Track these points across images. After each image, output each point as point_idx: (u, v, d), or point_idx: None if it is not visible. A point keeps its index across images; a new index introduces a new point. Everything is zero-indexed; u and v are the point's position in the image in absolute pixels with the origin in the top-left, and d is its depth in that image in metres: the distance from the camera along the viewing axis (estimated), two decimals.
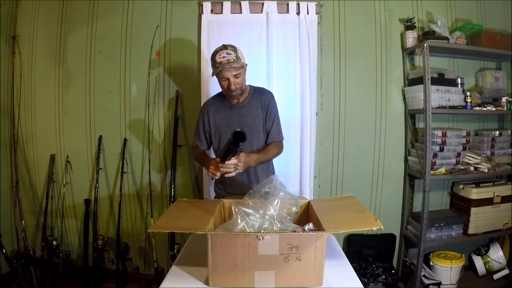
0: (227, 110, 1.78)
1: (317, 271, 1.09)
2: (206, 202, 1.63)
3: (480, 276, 2.62)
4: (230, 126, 1.74)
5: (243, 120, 1.75)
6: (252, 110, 1.76)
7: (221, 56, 1.61)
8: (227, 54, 1.60)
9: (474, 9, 2.60)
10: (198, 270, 1.21)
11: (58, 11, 2.60)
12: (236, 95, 1.70)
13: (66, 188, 2.65)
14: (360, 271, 2.46)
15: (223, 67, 1.60)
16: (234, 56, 1.61)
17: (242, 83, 1.69)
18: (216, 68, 1.62)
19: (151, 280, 2.52)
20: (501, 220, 2.49)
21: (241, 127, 1.66)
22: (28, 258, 2.49)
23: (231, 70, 1.62)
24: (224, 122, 1.77)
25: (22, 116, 2.66)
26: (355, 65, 2.56)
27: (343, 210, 1.26)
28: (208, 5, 2.45)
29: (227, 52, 1.61)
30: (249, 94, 1.79)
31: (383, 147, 2.60)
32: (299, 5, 2.43)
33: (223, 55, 1.61)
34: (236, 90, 1.67)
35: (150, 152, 2.54)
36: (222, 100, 1.81)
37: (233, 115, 1.76)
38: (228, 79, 1.63)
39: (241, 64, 1.63)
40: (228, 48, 1.63)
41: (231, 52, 1.61)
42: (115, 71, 2.58)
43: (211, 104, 1.84)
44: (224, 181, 1.80)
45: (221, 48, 1.64)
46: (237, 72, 1.63)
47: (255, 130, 1.76)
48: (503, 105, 2.44)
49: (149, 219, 2.51)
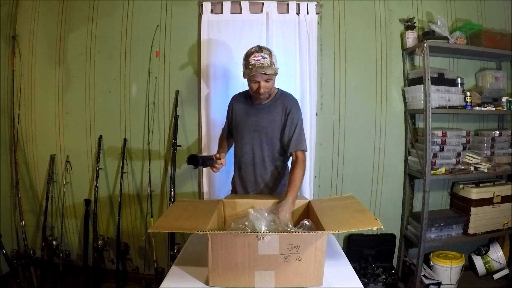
0: (248, 108, 1.77)
1: (317, 271, 1.09)
2: (206, 202, 1.64)
3: (480, 276, 2.62)
4: (247, 125, 1.74)
5: (259, 121, 1.72)
6: (272, 114, 1.71)
7: (256, 59, 1.56)
8: (262, 58, 1.56)
9: (474, 9, 2.60)
10: (198, 270, 1.22)
11: (58, 11, 2.60)
12: (263, 97, 1.69)
13: (66, 188, 2.65)
14: (360, 271, 2.46)
15: (256, 71, 1.55)
16: (269, 60, 1.57)
17: (271, 87, 1.68)
18: (249, 70, 1.57)
19: (151, 280, 2.52)
20: (501, 220, 2.49)
21: (256, 128, 1.71)
22: (28, 258, 2.49)
23: (263, 75, 1.58)
24: (242, 118, 1.77)
25: (22, 116, 2.66)
26: (355, 65, 2.56)
27: (344, 210, 1.26)
28: (208, 5, 2.45)
29: (262, 55, 1.57)
30: (274, 97, 1.75)
31: (383, 147, 2.60)
32: (299, 5, 2.43)
33: (257, 58, 1.56)
34: (264, 93, 1.65)
35: (150, 152, 2.53)
36: (246, 97, 1.81)
37: (252, 114, 1.75)
38: (259, 82, 1.60)
39: (274, 70, 1.60)
40: (263, 51, 1.59)
41: (266, 56, 1.57)
42: (115, 71, 2.58)
43: (236, 99, 1.87)
44: (236, 178, 1.85)
45: (256, 50, 1.59)
46: (269, 77, 1.60)
47: (269, 134, 1.71)
48: (503, 105, 2.44)
49: (149, 219, 2.51)
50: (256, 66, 1.55)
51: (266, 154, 1.73)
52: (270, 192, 1.76)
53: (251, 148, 1.74)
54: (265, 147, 1.72)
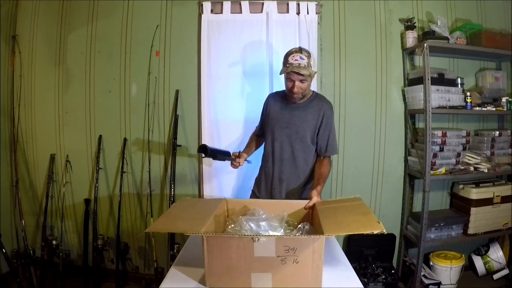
0: (283, 106, 1.81)
1: (315, 273, 1.08)
2: (208, 201, 1.63)
3: (480, 276, 2.62)
4: (279, 121, 1.78)
5: (292, 120, 1.76)
6: (306, 114, 1.75)
7: (294, 59, 1.63)
8: (300, 59, 1.62)
9: (474, 9, 2.60)
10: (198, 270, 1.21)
11: (58, 11, 2.60)
12: (297, 97, 1.73)
13: (66, 187, 2.65)
14: (360, 271, 2.46)
15: (292, 70, 1.61)
16: (306, 62, 1.63)
17: (306, 89, 1.71)
18: (286, 68, 1.64)
19: (151, 280, 2.52)
20: (501, 220, 2.49)
21: (287, 125, 1.75)
22: (28, 258, 2.49)
23: (298, 75, 1.63)
24: (276, 115, 1.81)
25: (22, 116, 2.66)
26: (355, 65, 2.56)
27: (346, 212, 1.25)
28: (208, 5, 2.45)
29: (300, 56, 1.63)
30: (309, 98, 1.79)
31: (383, 147, 2.60)
32: (299, 5, 2.43)
33: (296, 58, 1.63)
34: (298, 93, 1.69)
35: (150, 152, 2.54)
36: (283, 96, 1.84)
37: (286, 112, 1.78)
38: (294, 81, 1.66)
39: (309, 72, 1.64)
40: (303, 53, 1.65)
41: (304, 58, 1.63)
42: (115, 71, 2.58)
43: (273, 96, 1.91)
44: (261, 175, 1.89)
45: (297, 50, 1.67)
46: (304, 78, 1.65)
47: (300, 134, 1.75)
48: (503, 105, 2.44)
49: (149, 218, 2.51)
50: (293, 65, 1.62)
51: (294, 152, 1.77)
52: (290, 194, 1.78)
53: (280, 145, 1.78)
54: (294, 145, 1.76)
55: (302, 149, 1.76)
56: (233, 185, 2.51)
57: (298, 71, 1.61)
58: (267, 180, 1.84)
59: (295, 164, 1.77)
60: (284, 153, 1.77)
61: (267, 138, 1.84)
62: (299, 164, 1.77)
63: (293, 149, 1.77)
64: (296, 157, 1.77)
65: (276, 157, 1.79)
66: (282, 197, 1.77)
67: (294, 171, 1.78)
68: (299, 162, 1.77)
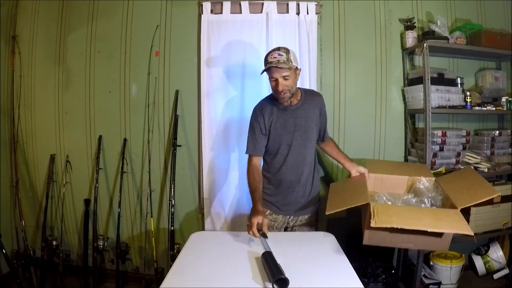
0: (282, 113, 1.78)
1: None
2: (354, 180, 1.88)
3: (480, 276, 2.62)
4: (285, 128, 1.78)
5: (298, 121, 1.78)
6: (307, 111, 1.80)
7: (272, 57, 1.64)
8: (278, 55, 1.64)
9: (474, 9, 2.60)
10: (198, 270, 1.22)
11: (58, 11, 2.60)
12: (285, 97, 1.70)
13: (66, 188, 2.65)
14: (360, 271, 2.46)
15: (271, 66, 1.63)
16: (285, 58, 1.63)
17: (292, 86, 1.69)
18: (265, 66, 1.66)
19: (151, 280, 2.52)
20: (501, 220, 2.49)
21: (295, 128, 1.77)
22: (28, 258, 2.49)
23: (280, 71, 1.63)
24: (279, 124, 1.79)
25: (22, 116, 2.66)
26: (355, 65, 2.56)
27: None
28: (208, 5, 2.45)
29: (278, 53, 1.64)
30: (301, 96, 1.81)
31: (383, 147, 2.60)
32: (299, 5, 2.43)
33: (274, 55, 1.64)
34: (284, 91, 1.67)
35: (150, 152, 2.53)
36: (274, 103, 1.79)
37: (288, 117, 1.78)
38: (277, 79, 1.65)
39: (289, 65, 1.63)
40: (280, 50, 1.66)
41: (283, 54, 1.64)
42: (115, 71, 2.58)
43: (263, 108, 1.80)
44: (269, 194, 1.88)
45: (275, 49, 1.68)
46: (286, 73, 1.64)
47: (308, 131, 1.81)
48: (503, 105, 2.44)
49: (149, 219, 2.51)
50: (272, 62, 1.63)
51: (306, 151, 1.82)
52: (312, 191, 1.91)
53: (293, 148, 1.80)
54: (304, 144, 1.80)
55: (310, 145, 1.85)
56: (234, 185, 2.51)
57: (276, 65, 1.61)
58: (284, 187, 1.84)
59: (307, 160, 1.84)
60: (298, 156, 1.81)
61: (276, 148, 1.81)
62: (309, 159, 1.86)
63: (304, 149, 1.81)
64: (307, 155, 1.84)
65: (291, 161, 1.81)
66: (305, 197, 1.87)
67: (307, 168, 1.85)
68: (309, 157, 1.86)
